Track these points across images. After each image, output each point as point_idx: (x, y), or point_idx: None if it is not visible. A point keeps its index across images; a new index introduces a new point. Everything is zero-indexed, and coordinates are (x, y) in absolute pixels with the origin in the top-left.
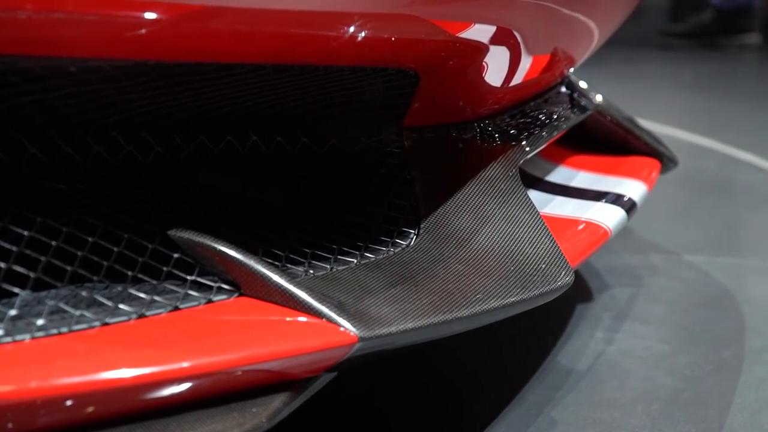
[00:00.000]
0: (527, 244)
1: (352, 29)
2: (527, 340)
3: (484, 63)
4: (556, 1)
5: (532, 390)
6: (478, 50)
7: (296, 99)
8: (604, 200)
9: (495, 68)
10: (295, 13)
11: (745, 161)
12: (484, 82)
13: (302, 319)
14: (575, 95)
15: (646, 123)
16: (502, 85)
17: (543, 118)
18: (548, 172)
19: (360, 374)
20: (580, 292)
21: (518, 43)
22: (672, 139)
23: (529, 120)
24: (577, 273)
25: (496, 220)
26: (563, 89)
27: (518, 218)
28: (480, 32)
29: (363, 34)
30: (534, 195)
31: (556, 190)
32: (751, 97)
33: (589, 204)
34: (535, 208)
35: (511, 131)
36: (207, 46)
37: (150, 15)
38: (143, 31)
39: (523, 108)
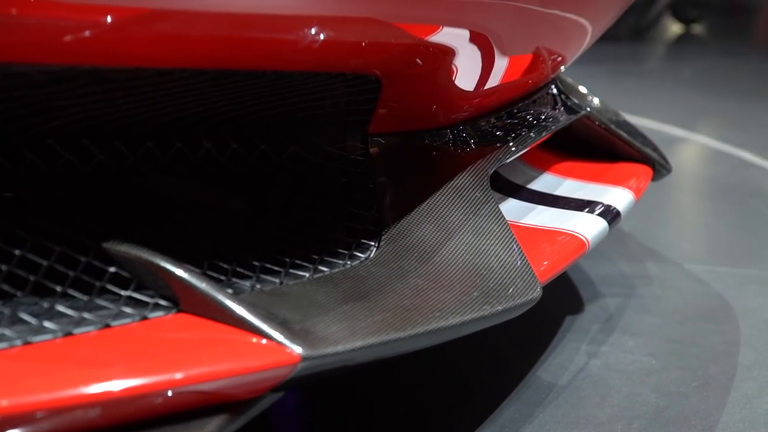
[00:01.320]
0: (493, 258)
1: (304, 33)
2: (510, 352)
3: (453, 66)
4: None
5: (509, 406)
6: (444, 54)
7: (251, 105)
8: (585, 210)
9: (466, 72)
10: (240, 16)
11: (757, 165)
12: (455, 86)
13: (242, 337)
14: (562, 98)
15: (647, 122)
16: (476, 89)
17: (523, 123)
18: (531, 179)
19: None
20: (570, 302)
21: (490, 45)
22: (679, 141)
23: (508, 125)
24: (568, 283)
25: (461, 231)
26: (551, 91)
27: (486, 230)
28: (445, 35)
29: (316, 38)
30: (513, 204)
31: (537, 198)
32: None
33: (569, 214)
34: (504, 219)
35: (487, 138)
36: (149, 51)
37: (86, 19)
38: (77, 35)
39: (502, 112)
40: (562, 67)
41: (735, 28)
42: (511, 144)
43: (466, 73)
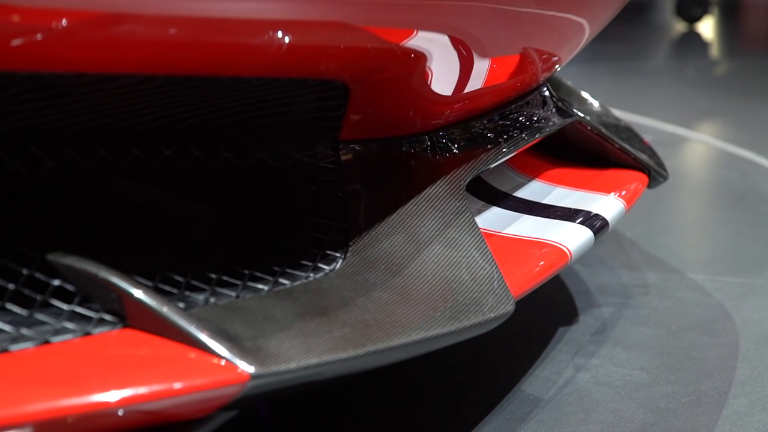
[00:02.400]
0: (464, 271)
1: (259, 38)
2: (495, 364)
3: (427, 70)
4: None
5: (489, 421)
6: (415, 58)
7: (210, 111)
8: (570, 219)
9: (442, 75)
10: (192, 20)
11: (764, 167)
12: (431, 91)
13: (189, 354)
14: (553, 102)
15: (650, 121)
16: (454, 93)
17: (508, 128)
18: (518, 186)
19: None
20: (564, 312)
21: (467, 47)
22: (683, 141)
23: (491, 131)
24: (563, 292)
25: (433, 243)
26: (542, 94)
27: (458, 241)
28: (415, 39)
29: (272, 43)
30: (496, 213)
31: (522, 207)
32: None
33: (553, 223)
34: (478, 230)
35: (467, 144)
36: (95, 56)
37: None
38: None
39: (486, 118)
40: (553, 70)
41: (740, 27)
42: (492, 151)
43: (442, 77)
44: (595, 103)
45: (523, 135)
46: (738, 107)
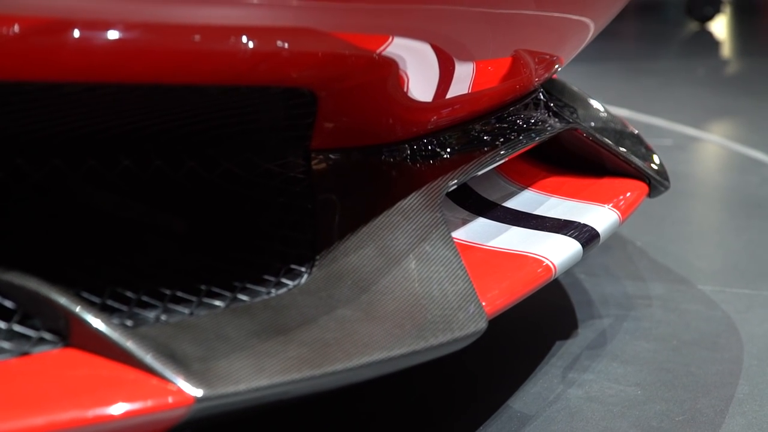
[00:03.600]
0: (435, 287)
1: (215, 44)
2: (485, 378)
3: (402, 76)
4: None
5: None
6: (386, 64)
7: (170, 119)
8: (559, 231)
9: (421, 81)
10: (139, 25)
11: None
12: (408, 97)
13: (131, 376)
14: (549, 107)
15: (659, 121)
16: (435, 99)
17: (495, 136)
18: (508, 195)
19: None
20: (562, 324)
21: (446, 52)
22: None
23: (477, 139)
24: (564, 303)
25: (403, 257)
26: (537, 100)
27: (431, 256)
28: (384, 44)
29: (230, 49)
30: (481, 223)
31: (509, 217)
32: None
33: (540, 236)
34: (452, 244)
35: (450, 153)
36: (40, 64)
37: None
38: None
39: (473, 125)
40: (547, 75)
41: (751, 27)
42: (475, 161)
43: (420, 83)
44: (601, 109)
45: (511, 144)
46: (750, 107)
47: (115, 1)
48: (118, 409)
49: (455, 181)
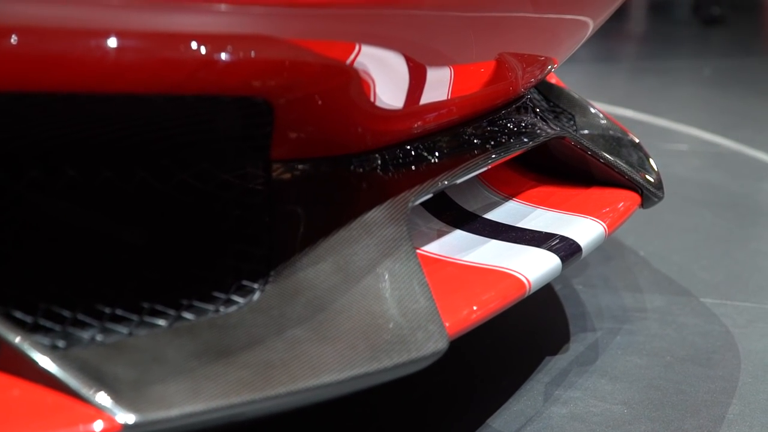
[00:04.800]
0: (394, 305)
1: (156, 52)
2: (467, 393)
3: (368, 83)
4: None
5: None
6: (344, 71)
7: (118, 129)
8: (538, 244)
9: (389, 88)
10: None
11: None
12: (374, 105)
13: (58, 401)
14: (535, 116)
15: (663, 122)
16: (406, 107)
17: (472, 146)
18: (490, 206)
19: None
20: (553, 338)
21: (415, 58)
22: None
23: (453, 148)
24: (557, 315)
25: (362, 273)
26: (524, 107)
27: (391, 272)
28: (341, 50)
29: (172, 57)
30: (457, 236)
31: (488, 230)
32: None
33: (518, 249)
34: (415, 259)
35: (420, 164)
36: None
37: None
38: None
39: (451, 133)
40: (534, 81)
41: (758, 27)
42: (447, 172)
43: (388, 90)
44: (600, 115)
45: (491, 154)
46: (755, 108)
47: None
48: None
49: (424, 193)
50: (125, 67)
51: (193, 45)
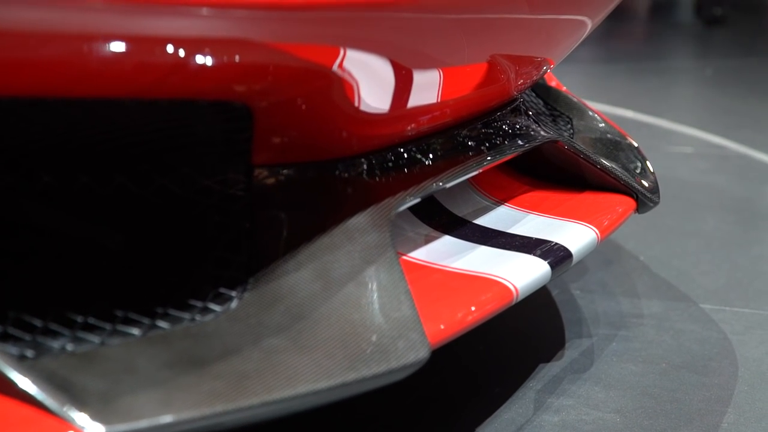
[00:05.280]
0: (375, 313)
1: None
2: (458, 400)
3: (351, 86)
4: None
5: None
6: (324, 75)
7: (93, 134)
8: (529, 251)
9: (373, 91)
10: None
11: None
12: (358, 109)
13: (24, 413)
14: (528, 119)
15: (663, 122)
16: (392, 111)
17: (462, 150)
18: (480, 211)
19: None
20: (547, 344)
21: (399, 61)
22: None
23: (442, 153)
24: (553, 321)
25: (343, 281)
26: (516, 110)
27: (373, 280)
28: (324, 53)
29: (147, 61)
30: (446, 242)
31: (477, 235)
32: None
33: (507, 256)
34: (398, 266)
35: (407, 168)
36: None
37: None
38: None
39: (439, 137)
40: (526, 84)
41: (759, 27)
42: (436, 176)
43: (373, 93)
44: (598, 118)
45: (481, 158)
46: (758, 109)
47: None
48: None
49: (409, 198)
50: (94, 71)
51: (168, 48)
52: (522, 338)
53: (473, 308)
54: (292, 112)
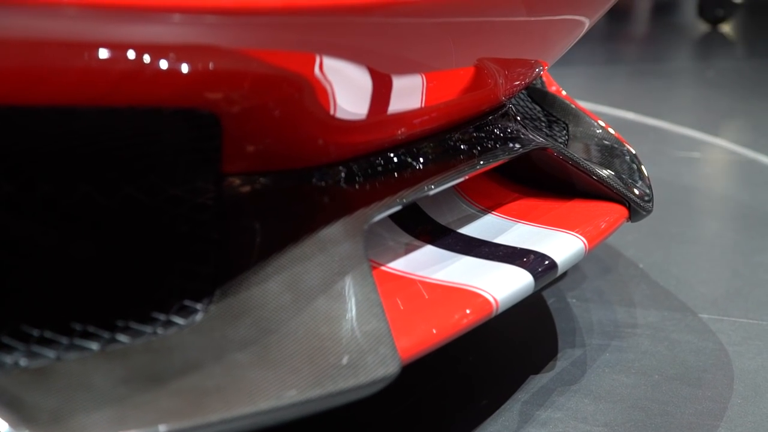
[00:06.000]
0: (344, 327)
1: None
2: (441, 413)
3: (325, 92)
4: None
5: None
6: (293, 81)
7: (52, 142)
8: (512, 261)
9: (350, 98)
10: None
11: None
12: (333, 116)
13: None
14: (516, 125)
15: (665, 124)
16: (371, 117)
17: (445, 157)
18: (465, 220)
19: None
20: (538, 354)
21: (376, 66)
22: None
23: (425, 161)
24: (546, 330)
25: (312, 293)
26: (504, 116)
27: (344, 292)
28: (292, 59)
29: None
30: (426, 251)
31: (460, 245)
32: None
33: (488, 266)
34: (371, 278)
35: (386, 176)
36: None
37: None
38: None
39: (424, 144)
40: (515, 90)
41: (762, 29)
42: (415, 185)
43: (351, 100)
44: (595, 124)
45: (464, 166)
46: (759, 110)
47: None
48: None
49: (386, 207)
50: (49, 77)
51: (128, 54)
52: (513, 348)
53: (449, 322)
54: (264, 119)
